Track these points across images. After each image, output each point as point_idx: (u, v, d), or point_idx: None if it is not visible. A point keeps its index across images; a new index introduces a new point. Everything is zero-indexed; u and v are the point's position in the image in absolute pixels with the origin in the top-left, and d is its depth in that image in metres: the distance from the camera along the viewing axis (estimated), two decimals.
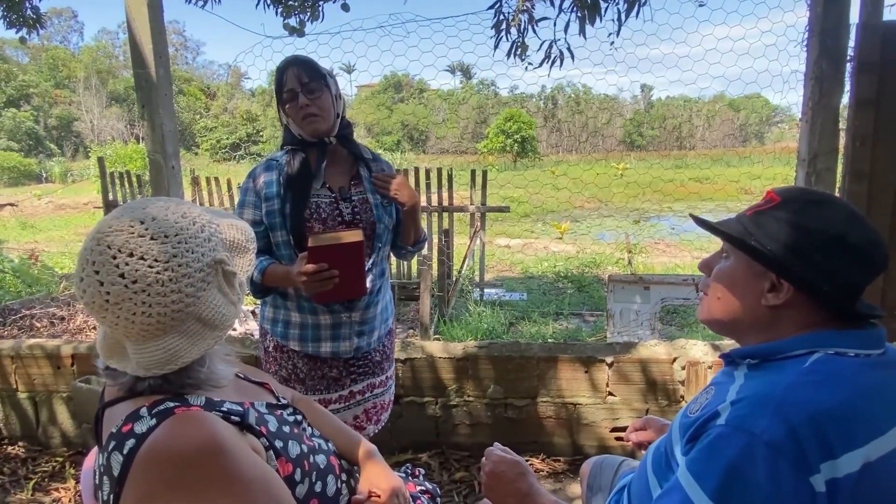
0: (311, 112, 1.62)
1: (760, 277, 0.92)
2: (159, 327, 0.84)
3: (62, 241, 11.71)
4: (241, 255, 0.96)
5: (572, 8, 3.10)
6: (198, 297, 0.86)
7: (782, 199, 0.94)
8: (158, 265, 0.83)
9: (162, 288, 0.83)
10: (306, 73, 1.61)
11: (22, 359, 2.78)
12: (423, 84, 47.82)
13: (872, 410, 0.81)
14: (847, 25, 2.14)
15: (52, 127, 41.12)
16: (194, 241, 0.87)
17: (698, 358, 2.45)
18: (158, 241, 0.84)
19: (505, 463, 1.12)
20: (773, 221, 0.92)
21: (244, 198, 1.68)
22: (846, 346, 0.87)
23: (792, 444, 0.76)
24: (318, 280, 1.48)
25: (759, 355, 0.92)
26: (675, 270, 7.21)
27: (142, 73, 2.42)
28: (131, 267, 0.82)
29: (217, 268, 0.89)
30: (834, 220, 0.89)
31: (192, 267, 0.85)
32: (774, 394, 0.81)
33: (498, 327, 4.93)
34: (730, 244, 0.97)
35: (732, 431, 0.80)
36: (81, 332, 4.65)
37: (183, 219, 0.88)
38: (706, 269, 1.03)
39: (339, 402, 1.75)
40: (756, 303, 0.93)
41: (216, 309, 0.88)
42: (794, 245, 0.88)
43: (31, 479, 2.54)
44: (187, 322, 0.86)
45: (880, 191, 2.19)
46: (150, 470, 0.78)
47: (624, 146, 41.50)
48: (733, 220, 0.99)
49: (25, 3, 3.70)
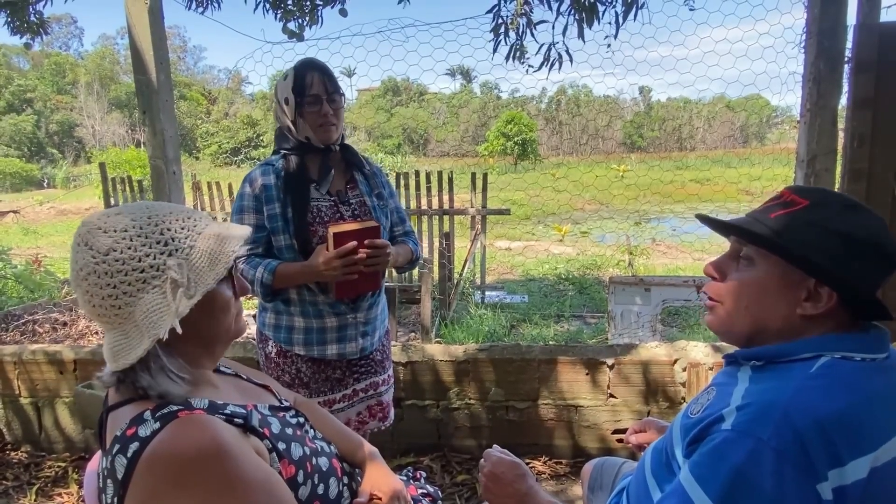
0: (331, 121, 1.64)
1: (797, 286, 0.88)
2: (105, 319, 0.87)
3: (64, 246, 11.73)
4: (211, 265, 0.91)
5: (570, 11, 3.12)
6: (136, 298, 0.86)
7: (811, 201, 0.89)
8: (99, 256, 0.85)
9: (98, 280, 0.85)
10: (330, 81, 1.64)
11: (24, 364, 2.79)
12: (423, 88, 47.91)
13: (879, 416, 0.80)
14: (844, 26, 2.15)
15: (54, 132, 41.24)
16: (139, 240, 0.86)
17: (699, 359, 2.45)
18: (107, 235, 0.87)
19: (504, 464, 1.11)
20: (806, 226, 0.87)
21: (243, 203, 1.67)
22: (852, 349, 0.85)
23: (799, 450, 0.75)
24: (347, 264, 1.54)
25: (764, 357, 0.90)
26: (675, 272, 7.21)
27: (143, 78, 2.43)
28: (80, 255, 0.87)
29: (163, 273, 0.87)
30: (872, 226, 0.87)
31: (127, 265, 0.85)
32: (782, 399, 0.80)
33: (499, 330, 4.93)
34: (765, 250, 0.90)
35: (739, 436, 0.79)
36: (84, 337, 4.66)
37: (141, 219, 0.88)
38: (718, 273, 0.97)
39: (342, 400, 1.77)
40: (791, 312, 0.89)
41: (149, 314, 0.85)
42: (837, 253, 0.85)
43: (35, 484, 2.55)
44: (128, 323, 0.87)
45: (878, 190, 2.20)
46: (154, 473, 0.79)
47: (624, 148, 41.51)
48: (754, 223, 0.92)
49: (29, 9, 3.73)
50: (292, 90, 1.63)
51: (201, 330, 0.93)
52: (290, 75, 1.65)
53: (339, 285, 1.62)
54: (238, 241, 0.94)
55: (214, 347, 0.99)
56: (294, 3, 3.63)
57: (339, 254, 1.53)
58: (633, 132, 43.26)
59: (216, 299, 0.94)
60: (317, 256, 1.58)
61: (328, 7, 3.65)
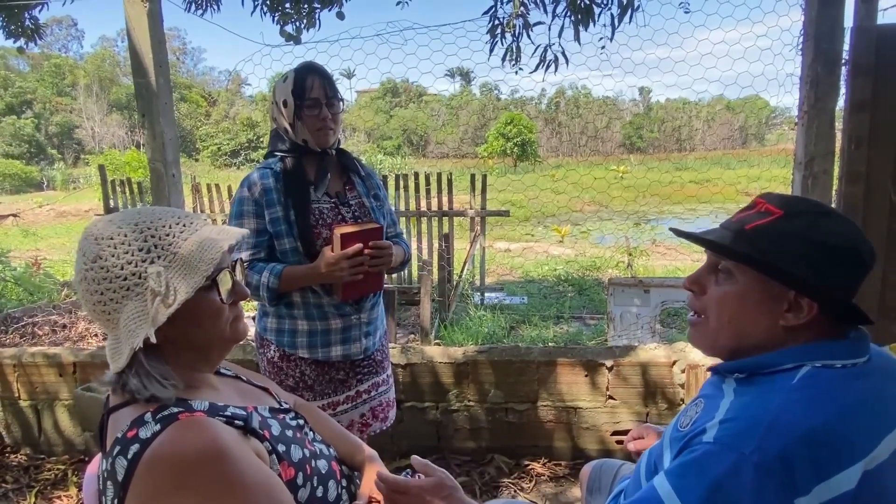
0: (329, 125, 1.66)
1: (778, 298, 0.88)
2: (100, 322, 0.90)
3: (64, 248, 11.72)
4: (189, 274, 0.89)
5: (566, 13, 3.13)
6: (121, 305, 0.87)
7: (785, 211, 0.89)
8: (88, 263, 0.88)
9: (88, 286, 0.88)
10: (330, 86, 1.66)
11: (24, 366, 2.79)
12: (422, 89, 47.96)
13: (862, 427, 0.80)
14: (841, 29, 2.16)
15: (53, 134, 41.24)
16: (122, 248, 0.87)
17: (698, 361, 2.45)
18: (96, 242, 0.89)
19: (429, 488, 1.02)
20: (783, 237, 0.87)
21: (242, 208, 1.66)
22: (833, 357, 0.85)
23: (781, 466, 0.75)
24: (354, 265, 1.57)
25: (746, 369, 0.90)
26: (675, 273, 7.21)
27: (142, 82, 2.44)
28: (77, 261, 0.90)
29: (144, 281, 0.87)
30: (847, 233, 0.87)
31: (111, 272, 0.87)
32: (765, 414, 0.80)
33: (499, 331, 4.94)
34: (745, 265, 0.90)
35: (721, 449, 0.79)
36: (83, 340, 4.67)
37: (128, 226, 0.89)
38: (698, 287, 0.97)
39: (346, 402, 1.77)
40: (773, 323, 0.89)
41: (128, 323, 0.86)
42: (817, 263, 0.85)
43: (34, 486, 2.55)
44: (117, 328, 0.89)
45: (876, 193, 2.20)
46: (154, 475, 0.80)
47: (624, 149, 41.56)
48: (730, 236, 0.92)
49: (24, 13, 3.73)
50: (292, 93, 1.63)
51: (191, 337, 0.93)
52: (291, 78, 1.65)
53: (346, 286, 1.64)
54: (223, 245, 0.92)
55: (209, 352, 0.98)
56: (292, 6, 3.64)
57: (346, 255, 1.56)
58: (633, 133, 43.31)
59: (202, 306, 0.92)
60: (322, 258, 1.59)
61: (326, 10, 3.66)
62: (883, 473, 0.78)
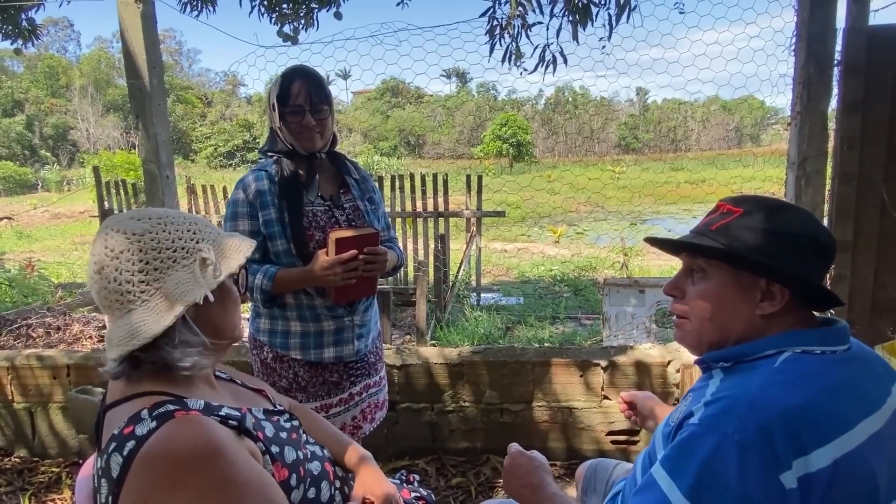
0: (315, 131, 1.64)
1: (750, 288, 0.93)
2: (128, 298, 0.92)
3: (58, 250, 11.67)
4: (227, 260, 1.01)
5: (564, 13, 3.14)
6: (166, 275, 0.92)
7: (744, 209, 0.96)
8: (134, 237, 0.93)
9: (131, 256, 0.92)
10: (315, 91, 1.62)
11: (18, 369, 2.78)
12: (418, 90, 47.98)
13: (840, 406, 0.83)
14: (833, 30, 2.17)
15: (48, 136, 41.05)
16: (173, 226, 0.95)
17: (692, 360, 2.46)
18: (142, 222, 0.94)
19: (522, 456, 1.17)
20: (745, 232, 0.94)
21: (236, 209, 1.66)
22: (813, 343, 0.90)
23: (762, 442, 0.78)
24: (348, 270, 1.57)
25: (731, 358, 0.94)
26: (670, 273, 7.21)
27: (136, 83, 2.43)
28: (112, 239, 0.93)
29: (194, 255, 0.95)
30: (802, 222, 0.94)
31: (162, 244, 0.93)
32: (746, 394, 0.84)
33: (494, 332, 4.94)
34: (714, 260, 0.96)
35: (705, 430, 0.82)
36: (77, 342, 4.65)
37: (174, 213, 0.98)
38: (676, 292, 1.03)
39: (339, 405, 1.77)
40: (751, 313, 0.94)
41: (180, 285, 0.92)
42: (777, 251, 0.91)
43: (28, 489, 2.54)
44: (154, 298, 0.91)
45: (868, 192, 2.21)
46: (149, 472, 0.80)
47: (619, 149, 41.66)
48: (698, 237, 0.99)
49: (21, 14, 3.72)
50: (277, 97, 1.63)
51: (213, 319, 0.98)
52: (277, 82, 1.64)
53: (339, 290, 1.63)
54: (250, 246, 1.04)
55: (222, 339, 1.01)
56: (289, 7, 3.63)
57: (340, 260, 1.55)
58: (628, 134, 43.42)
59: (231, 292, 1.02)
60: (316, 261, 1.58)
61: (323, 10, 3.65)
62: (858, 457, 0.81)
